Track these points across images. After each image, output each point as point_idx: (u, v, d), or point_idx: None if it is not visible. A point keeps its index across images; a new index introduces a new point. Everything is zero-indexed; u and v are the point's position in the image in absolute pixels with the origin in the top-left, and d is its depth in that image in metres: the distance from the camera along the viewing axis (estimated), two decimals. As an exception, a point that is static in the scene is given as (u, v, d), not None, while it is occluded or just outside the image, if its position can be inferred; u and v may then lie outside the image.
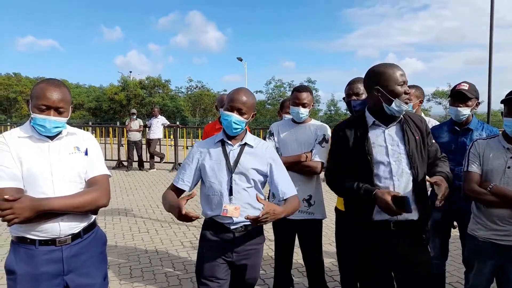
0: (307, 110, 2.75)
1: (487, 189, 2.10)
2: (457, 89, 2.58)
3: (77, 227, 1.75)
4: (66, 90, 1.75)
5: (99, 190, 1.75)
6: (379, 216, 1.97)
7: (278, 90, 39.65)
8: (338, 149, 2.10)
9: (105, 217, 5.53)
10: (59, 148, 1.74)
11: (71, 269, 1.73)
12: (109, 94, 37.08)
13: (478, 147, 2.20)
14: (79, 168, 1.75)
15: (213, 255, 1.97)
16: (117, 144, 11.13)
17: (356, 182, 1.96)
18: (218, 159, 1.99)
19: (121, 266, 3.77)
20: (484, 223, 2.16)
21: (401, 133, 2.00)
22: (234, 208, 1.92)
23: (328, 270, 3.60)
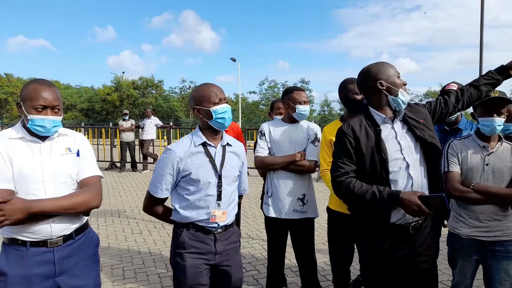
0: (308, 106, 2.82)
1: (470, 187, 2.14)
2: (446, 89, 2.62)
3: (69, 229, 1.74)
4: (57, 89, 1.76)
5: (91, 191, 1.73)
6: (396, 219, 1.92)
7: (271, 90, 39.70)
8: (348, 150, 1.95)
9: (97, 218, 5.50)
10: (51, 149, 1.72)
11: (63, 270, 1.72)
12: (101, 95, 36.81)
13: (455, 147, 2.25)
14: (71, 169, 1.74)
15: (196, 262, 1.89)
16: (110, 145, 11.06)
17: (375, 186, 1.86)
18: (202, 163, 1.89)
19: (114, 268, 3.75)
20: (466, 220, 2.21)
21: (406, 125, 1.97)
22: (221, 213, 1.90)
23: (321, 269, 3.62)
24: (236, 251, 2.04)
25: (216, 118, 1.88)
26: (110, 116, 35.19)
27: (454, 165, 2.23)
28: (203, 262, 1.91)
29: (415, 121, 1.98)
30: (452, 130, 2.67)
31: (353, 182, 1.90)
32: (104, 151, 11.25)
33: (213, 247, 1.91)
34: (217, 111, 1.88)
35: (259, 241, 4.58)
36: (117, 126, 10.66)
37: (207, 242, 1.90)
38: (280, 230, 2.85)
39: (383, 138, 1.93)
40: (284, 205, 2.74)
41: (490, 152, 2.17)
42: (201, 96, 1.90)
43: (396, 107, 1.95)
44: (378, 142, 1.91)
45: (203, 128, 1.95)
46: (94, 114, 37.25)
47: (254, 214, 5.75)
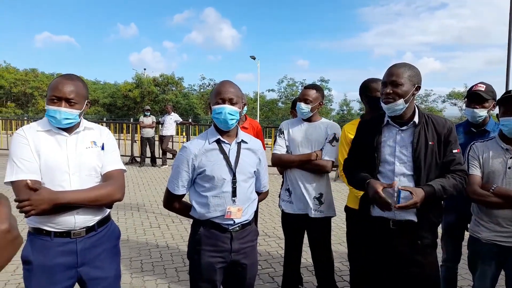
0: (309, 106, 2.74)
1: (490, 190, 2.09)
2: (473, 90, 2.54)
3: (92, 221, 1.78)
4: (80, 84, 1.77)
5: (114, 184, 1.76)
6: (377, 212, 2.05)
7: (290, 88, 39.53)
8: (356, 143, 2.21)
9: (117, 211, 5.62)
10: (76, 142, 1.77)
11: (85, 261, 1.76)
12: (123, 91, 37.56)
13: (477, 150, 2.20)
14: (95, 162, 1.78)
15: (211, 259, 1.90)
16: (131, 140, 11.27)
17: (363, 172, 2.07)
18: (217, 160, 1.90)
19: (132, 260, 3.83)
20: (487, 224, 2.16)
21: (412, 136, 2.00)
22: (237, 209, 1.90)
23: (337, 269, 3.58)
24: (253, 250, 2.04)
25: (213, 116, 1.90)
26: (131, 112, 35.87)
27: (475, 168, 2.18)
28: (218, 260, 1.92)
29: (424, 138, 2.00)
30: (479, 132, 2.59)
31: (352, 169, 2.17)
32: (125, 146, 11.48)
33: (229, 245, 1.91)
34: (215, 110, 1.88)
35: (275, 238, 4.58)
36: (138, 121, 10.85)
37: (223, 240, 1.91)
38: (296, 228, 2.84)
39: (383, 139, 2.06)
40: (301, 203, 2.74)
41: None
42: (211, 93, 1.96)
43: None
44: (373, 141, 2.06)
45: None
46: (116, 109, 38.06)
47: (271, 211, 5.75)
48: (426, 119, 2.04)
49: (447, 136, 2.00)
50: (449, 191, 1.94)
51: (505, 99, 2.12)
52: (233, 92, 1.89)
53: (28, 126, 1.76)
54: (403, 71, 1.98)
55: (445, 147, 2.00)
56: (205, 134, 1.98)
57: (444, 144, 2.00)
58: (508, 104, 2.11)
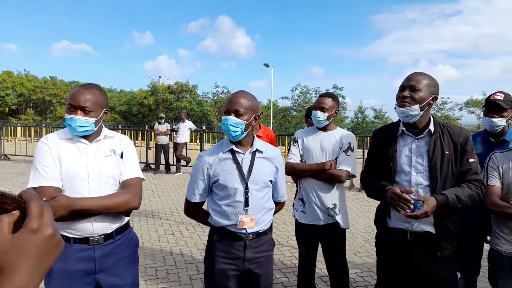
0: (325, 114, 2.73)
1: (510, 202, 2.05)
2: (492, 99, 2.50)
3: (110, 228, 1.81)
4: (97, 92, 1.80)
5: (131, 192, 1.79)
6: (393, 224, 2.05)
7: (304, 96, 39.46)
8: (372, 151, 2.24)
9: (132, 218, 5.68)
10: (97, 150, 1.81)
11: (103, 268, 1.79)
12: (138, 98, 38.19)
13: (496, 161, 2.17)
14: (114, 170, 1.81)
15: (224, 266, 1.92)
16: (145, 147, 11.42)
17: (380, 181, 2.07)
18: (230, 169, 1.91)
19: (147, 267, 3.86)
20: (508, 236, 2.11)
21: (428, 145, 1.99)
22: (250, 219, 1.90)
23: (352, 280, 3.53)
24: (268, 260, 2.03)
25: (223, 127, 1.93)
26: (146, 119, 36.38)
27: (494, 179, 2.15)
28: (231, 268, 1.93)
29: (440, 147, 1.98)
30: (497, 142, 2.54)
31: (369, 178, 2.18)
32: (139, 153, 11.60)
33: (242, 253, 1.92)
34: (223, 121, 1.91)
35: (289, 248, 4.55)
36: (153, 129, 11.00)
37: (236, 248, 1.92)
38: (310, 237, 2.82)
39: (399, 148, 2.06)
40: (315, 213, 2.72)
41: None
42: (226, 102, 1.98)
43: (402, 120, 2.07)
44: (389, 151, 2.07)
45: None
46: (131, 116, 38.66)
47: (285, 220, 5.72)
48: (442, 128, 2.03)
49: (463, 145, 1.98)
50: (464, 201, 1.91)
51: None
52: (241, 104, 1.88)
53: (52, 134, 1.82)
54: (422, 78, 1.98)
55: (462, 156, 1.98)
56: (220, 143, 2.01)
57: (460, 153, 1.98)
58: None
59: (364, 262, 4.15)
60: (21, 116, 38.59)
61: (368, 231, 5.21)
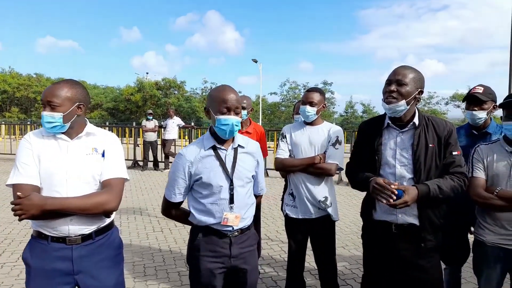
0: (314, 109, 2.74)
1: (494, 193, 2.08)
2: (471, 92, 2.55)
3: (88, 229, 1.75)
4: (66, 86, 1.73)
5: (110, 193, 1.71)
6: (379, 216, 2.07)
7: (292, 91, 39.54)
8: (358, 144, 2.24)
9: (120, 215, 5.63)
10: (78, 148, 1.76)
11: (81, 269, 1.74)
12: (125, 95, 37.71)
13: (481, 153, 2.20)
14: (94, 170, 1.74)
15: (210, 265, 1.89)
16: (133, 144, 11.31)
17: (364, 173, 2.09)
18: (213, 166, 1.87)
19: (135, 265, 3.83)
20: (491, 227, 2.15)
21: (412, 139, 2.01)
22: (234, 216, 1.88)
23: (340, 273, 3.57)
24: (253, 254, 2.02)
25: (217, 126, 1.85)
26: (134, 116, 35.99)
27: (479, 171, 2.18)
28: (218, 266, 1.90)
29: (424, 140, 2.00)
30: (480, 135, 2.58)
31: (354, 171, 2.19)
32: (127, 150, 11.50)
33: (228, 251, 1.90)
34: (221, 121, 1.83)
35: (278, 242, 4.57)
36: (141, 125, 10.89)
37: (222, 246, 1.89)
38: (300, 231, 2.83)
39: (384, 141, 2.07)
40: (305, 207, 2.73)
41: None
42: (213, 99, 1.86)
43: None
44: (374, 143, 2.08)
45: (213, 131, 1.93)
46: (118, 113, 38.19)
47: (274, 215, 5.74)
48: (426, 121, 2.05)
49: (447, 138, 2.01)
50: (445, 192, 1.94)
51: (507, 104, 2.12)
52: (238, 101, 1.84)
53: (37, 130, 1.78)
54: (409, 72, 1.99)
55: (445, 149, 2.01)
56: (200, 140, 1.95)
57: (444, 146, 2.01)
58: (510, 108, 2.11)
59: (352, 255, 4.20)
60: (5, 114, 37.77)
61: (356, 224, 5.26)
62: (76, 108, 1.75)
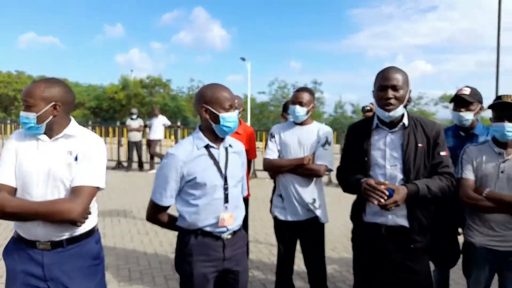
0: (304, 109, 2.71)
1: (482, 194, 2.10)
2: (458, 94, 2.58)
3: (58, 236, 1.67)
4: (41, 85, 1.66)
5: (73, 202, 1.61)
6: (369, 218, 2.07)
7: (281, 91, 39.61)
8: (347, 146, 2.23)
9: (103, 218, 5.49)
10: (54, 150, 1.68)
11: (52, 276, 1.68)
12: (109, 93, 37.09)
13: (470, 153, 2.22)
14: (64, 174, 1.65)
15: (204, 270, 1.83)
16: (117, 144, 11.09)
17: (355, 175, 2.07)
18: (207, 166, 1.83)
19: (119, 268, 3.73)
20: (480, 228, 2.17)
21: (402, 139, 2.01)
22: (229, 216, 1.85)
23: (330, 276, 3.55)
24: (244, 255, 2.01)
25: (222, 124, 1.81)
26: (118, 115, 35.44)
27: (468, 172, 2.20)
28: (211, 270, 1.86)
29: (414, 140, 2.00)
30: (467, 136, 2.60)
31: (345, 173, 2.17)
32: (111, 150, 11.29)
33: (222, 254, 1.86)
34: (226, 118, 1.80)
35: (266, 245, 4.53)
36: (125, 125, 10.69)
37: (215, 249, 1.85)
38: (289, 234, 2.80)
39: (373, 142, 2.06)
40: (294, 209, 2.70)
41: (505, 159, 2.12)
42: (214, 97, 1.81)
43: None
44: (363, 145, 2.06)
45: (204, 129, 1.88)
46: (102, 112, 37.54)
47: (262, 217, 5.70)
48: (415, 122, 2.06)
49: (435, 139, 2.03)
50: (434, 192, 1.95)
51: (495, 105, 2.14)
52: (234, 98, 1.89)
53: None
54: (400, 75, 1.98)
55: (434, 149, 2.02)
56: (190, 139, 1.88)
57: (432, 146, 2.02)
58: (498, 110, 2.13)
59: (342, 257, 4.19)
60: (-16, 112, 36.70)
61: (345, 227, 5.26)
62: (52, 109, 1.66)
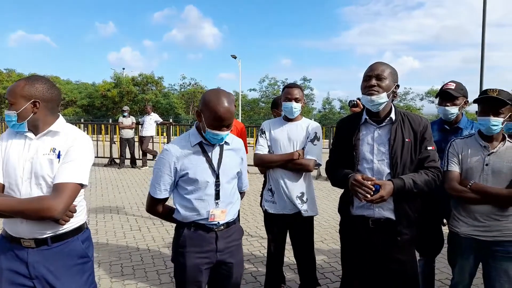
0: (300, 105, 2.77)
1: (467, 186, 2.16)
2: (444, 88, 2.62)
3: (41, 233, 1.66)
4: (21, 83, 1.68)
5: (54, 199, 1.58)
6: (356, 211, 2.10)
7: (272, 88, 39.62)
8: (336, 141, 2.26)
9: (96, 214, 5.50)
10: (37, 147, 1.68)
11: (37, 274, 1.67)
12: (101, 91, 36.76)
13: (456, 147, 2.27)
14: (46, 171, 1.64)
15: (197, 261, 1.88)
16: (109, 141, 11.05)
17: (343, 170, 2.10)
18: (199, 162, 1.86)
19: (112, 264, 3.75)
20: (465, 219, 2.22)
21: (389, 134, 2.05)
22: (220, 211, 1.89)
23: (319, 267, 3.62)
24: (238, 248, 2.04)
25: (207, 135, 1.84)
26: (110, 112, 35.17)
27: (454, 165, 2.24)
28: (205, 262, 1.90)
29: (401, 135, 2.04)
30: (452, 129, 2.66)
31: (333, 168, 2.21)
32: (103, 147, 11.24)
33: (214, 245, 1.90)
34: (211, 133, 1.82)
35: (257, 238, 4.58)
36: (117, 122, 10.64)
37: (208, 241, 1.89)
38: (279, 227, 2.85)
39: (361, 137, 2.10)
40: (283, 202, 2.75)
41: (490, 152, 2.16)
42: (208, 109, 1.79)
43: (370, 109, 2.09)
44: (351, 139, 2.10)
45: (200, 127, 1.90)
46: (94, 110, 37.20)
47: (253, 211, 5.75)
48: (402, 117, 2.10)
49: (422, 133, 2.06)
50: (420, 186, 1.98)
51: (481, 99, 2.18)
52: (231, 114, 1.80)
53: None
54: (386, 67, 2.04)
55: (421, 144, 2.05)
56: (186, 136, 1.93)
57: (420, 141, 2.05)
58: (484, 104, 2.17)
59: (331, 249, 4.26)
60: (-27, 110, 36.14)
61: (334, 219, 5.35)
62: (31, 106, 1.67)
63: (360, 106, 3.26)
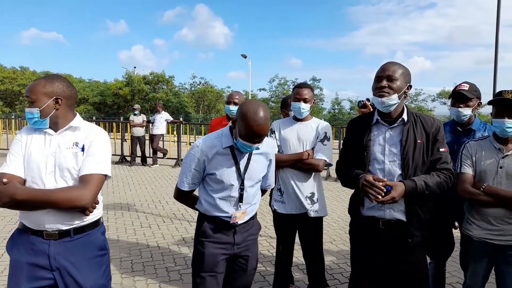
0: (308, 105, 2.77)
1: (481, 189, 2.13)
2: (457, 90, 2.58)
3: (65, 225, 1.71)
4: (41, 81, 1.74)
5: (82, 189, 1.66)
6: (368, 212, 2.09)
7: (281, 87, 39.51)
8: (347, 141, 2.25)
9: (107, 211, 5.57)
10: (60, 142, 1.75)
11: (58, 266, 1.71)
12: (113, 89, 37.16)
13: (470, 149, 2.24)
14: (71, 164, 1.71)
15: (214, 251, 1.96)
16: (121, 139, 11.17)
17: (354, 170, 2.09)
18: (227, 165, 1.92)
19: (122, 260, 3.80)
20: (478, 222, 2.19)
21: (401, 134, 2.03)
22: (241, 213, 1.96)
23: (328, 268, 3.61)
24: (255, 243, 2.11)
25: (238, 143, 1.87)
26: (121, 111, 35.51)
27: (467, 167, 2.21)
28: (221, 252, 1.97)
29: (413, 136, 2.02)
30: (464, 131, 2.63)
31: (344, 168, 2.18)
32: (114, 145, 11.36)
33: (232, 238, 1.98)
34: (242, 143, 1.84)
35: (266, 238, 4.59)
36: (128, 120, 10.76)
37: (226, 233, 1.97)
38: (288, 227, 2.85)
39: (372, 138, 2.08)
40: (293, 203, 2.75)
41: (505, 155, 2.13)
42: (243, 122, 1.79)
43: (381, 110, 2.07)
44: (363, 140, 2.08)
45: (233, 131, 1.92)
46: (105, 108, 37.61)
47: (262, 211, 5.76)
48: (415, 118, 2.07)
49: (435, 135, 2.03)
50: (431, 188, 1.96)
51: (496, 101, 2.14)
52: (265, 130, 1.81)
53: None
54: (398, 68, 2.01)
55: (433, 145, 2.03)
56: (219, 136, 1.95)
57: (432, 142, 2.03)
58: (499, 106, 2.13)
59: (340, 250, 4.24)
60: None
61: (344, 220, 5.31)
62: (54, 103, 1.74)
63: (368, 107, 3.23)
